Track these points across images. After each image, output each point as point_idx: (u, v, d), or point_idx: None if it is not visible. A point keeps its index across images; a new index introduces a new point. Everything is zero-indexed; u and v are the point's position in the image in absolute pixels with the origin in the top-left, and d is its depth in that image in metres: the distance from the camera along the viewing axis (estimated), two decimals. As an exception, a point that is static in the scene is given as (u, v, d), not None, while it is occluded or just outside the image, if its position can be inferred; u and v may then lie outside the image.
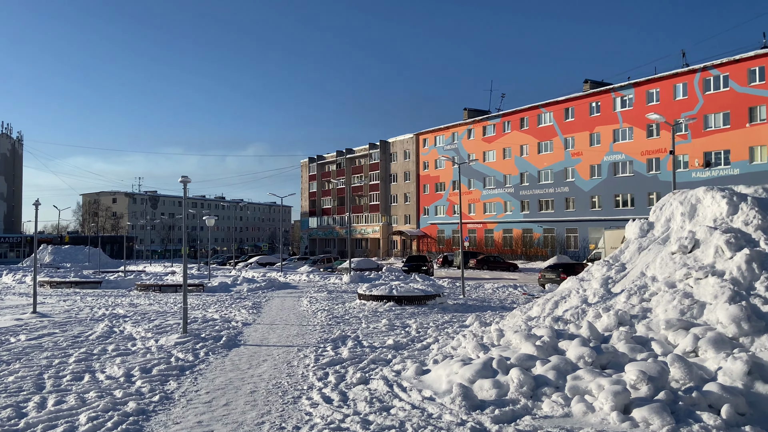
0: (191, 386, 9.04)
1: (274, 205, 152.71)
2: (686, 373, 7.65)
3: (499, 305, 20.80)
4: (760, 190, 12.68)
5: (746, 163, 41.22)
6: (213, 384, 9.18)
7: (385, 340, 13.06)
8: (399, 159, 74.88)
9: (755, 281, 9.65)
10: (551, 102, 55.08)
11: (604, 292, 11.90)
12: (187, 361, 10.88)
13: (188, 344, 12.38)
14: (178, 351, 11.69)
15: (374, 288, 21.54)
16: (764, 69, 40.39)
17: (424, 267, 41.17)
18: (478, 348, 10.22)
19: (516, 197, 58.54)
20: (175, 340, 12.69)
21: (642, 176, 47.49)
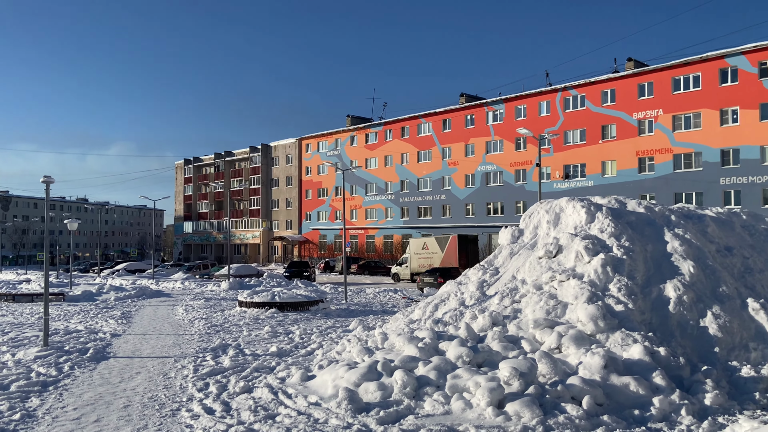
0: (56, 402, 8.32)
1: (145, 209, 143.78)
2: (552, 369, 8.34)
3: (381, 309, 21.23)
4: (613, 201, 14.12)
5: (599, 176, 45.61)
6: (81, 399, 8.50)
7: (268, 347, 12.85)
8: (281, 163, 73.88)
9: (609, 283, 10.73)
10: (430, 113, 57.28)
11: (480, 294, 12.60)
12: (50, 375, 9.98)
13: (50, 358, 11.35)
14: (39, 365, 10.69)
15: (255, 295, 21.09)
16: (615, 91, 45.00)
17: (306, 273, 40.92)
18: (363, 352, 10.40)
19: (396, 204, 60.10)
20: (35, 354, 11.58)
21: (511, 186, 50.83)
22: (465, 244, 39.55)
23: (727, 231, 12.84)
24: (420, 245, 40.68)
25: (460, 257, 37.86)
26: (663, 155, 42.26)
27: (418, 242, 41.04)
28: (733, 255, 11.91)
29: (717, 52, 39.67)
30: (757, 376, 8.55)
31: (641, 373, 8.16)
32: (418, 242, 41.19)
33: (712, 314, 9.86)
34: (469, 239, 41.03)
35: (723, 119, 39.53)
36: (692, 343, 9.50)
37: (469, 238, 41.56)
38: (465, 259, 37.64)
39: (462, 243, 39.22)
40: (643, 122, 43.45)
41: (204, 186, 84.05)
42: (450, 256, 38.40)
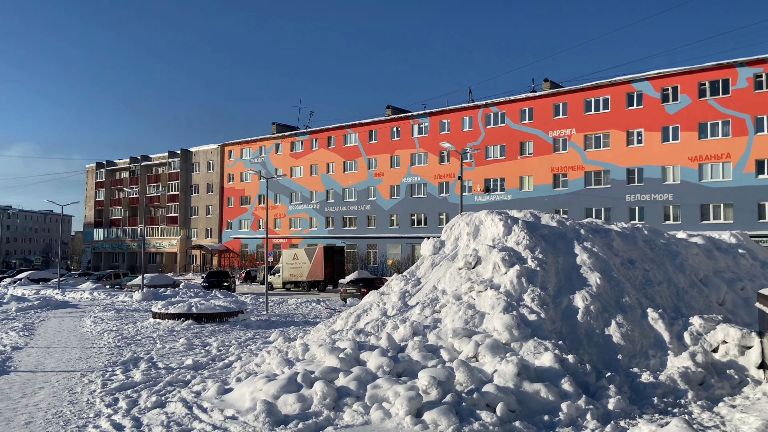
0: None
1: (51, 214, 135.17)
2: (468, 377, 8.57)
3: (303, 320, 21.02)
4: (529, 215, 14.76)
5: (517, 190, 47.49)
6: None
7: (183, 360, 12.42)
8: (202, 170, 71.72)
9: (524, 293, 11.19)
10: (357, 123, 57.60)
11: (402, 305, 12.77)
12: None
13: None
14: (-77, 384, 9.79)
15: (171, 305, 20.32)
16: (532, 110, 47.12)
17: (225, 283, 39.87)
18: (283, 363, 10.26)
19: (321, 213, 59.81)
20: None
21: (434, 198, 51.90)
22: (331, 255, 42.13)
23: (631, 245, 13.72)
24: (291, 255, 42.91)
25: (326, 267, 40.85)
26: (575, 172, 44.59)
27: (290, 253, 43.37)
28: (636, 267, 12.74)
29: (625, 77, 42.44)
30: (656, 382, 9.16)
31: (551, 380, 8.55)
32: (289, 253, 43.44)
33: (616, 323, 10.49)
34: (335, 250, 43.63)
35: (629, 140, 42.26)
36: (598, 351, 10.06)
37: (335, 248, 44.21)
38: (330, 268, 41.08)
39: (328, 253, 41.81)
40: (557, 140, 45.68)
41: (118, 191, 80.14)
42: (317, 266, 41.11)
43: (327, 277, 40.95)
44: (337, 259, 42.44)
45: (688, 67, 39.73)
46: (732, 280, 13.53)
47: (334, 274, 41.82)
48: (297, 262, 41.96)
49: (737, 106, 37.80)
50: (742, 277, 13.89)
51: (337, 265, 41.82)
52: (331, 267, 41.27)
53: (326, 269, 40.62)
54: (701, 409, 8.46)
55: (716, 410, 8.49)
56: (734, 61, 38.06)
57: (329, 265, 41.20)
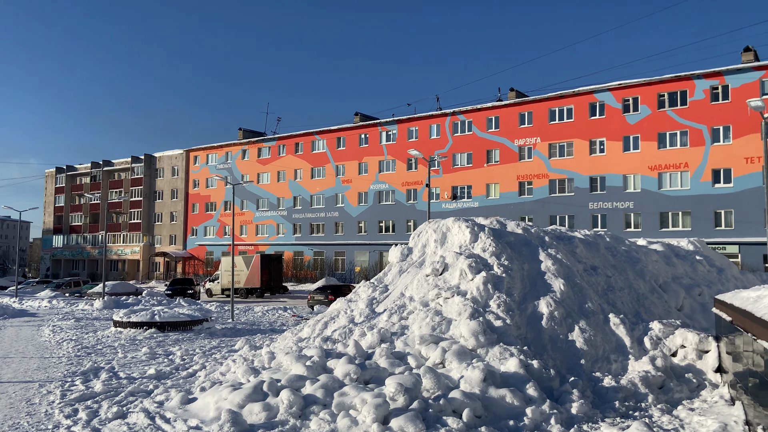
0: None
1: (9, 220, 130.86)
2: (435, 383, 8.62)
3: (269, 328, 20.81)
4: (495, 222, 14.95)
5: (484, 198, 48.05)
6: None
7: (145, 369, 12.16)
8: (166, 175, 70.47)
9: (490, 299, 11.31)
10: (325, 130, 57.48)
11: (369, 311, 12.77)
12: None
13: None
14: None
15: (133, 314, 19.88)
16: (499, 119, 47.82)
17: (190, 291, 39.21)
18: (249, 372, 10.14)
19: (289, 220, 59.37)
20: None
21: (402, 205, 52.09)
22: (268, 263, 43.21)
23: (593, 252, 14.02)
24: (229, 263, 43.59)
25: (263, 274, 42.01)
26: (540, 180, 45.38)
27: (228, 260, 43.76)
28: (598, 274, 13.02)
29: (587, 88, 43.47)
30: (617, 386, 9.36)
31: (516, 385, 8.65)
32: (228, 260, 43.81)
33: (579, 329, 10.70)
34: (272, 258, 44.69)
35: (592, 149, 43.25)
36: (562, 356, 10.23)
37: (273, 256, 45.37)
38: (267, 276, 42.31)
39: (265, 261, 42.90)
40: (523, 149, 46.44)
41: (78, 197, 78.09)
42: (254, 273, 42.28)
43: (264, 285, 42.12)
44: (274, 267, 43.68)
45: (648, 78, 40.95)
46: (690, 285, 13.94)
47: (272, 281, 42.90)
48: (235, 270, 42.28)
49: (695, 117, 39.09)
50: (699, 283, 14.33)
51: (275, 273, 43.16)
52: (268, 274, 42.56)
53: (263, 277, 41.97)
54: (661, 413, 8.68)
55: (675, 413, 8.72)
56: (692, 73, 39.38)
57: (266, 273, 42.50)
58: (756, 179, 36.33)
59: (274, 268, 43.18)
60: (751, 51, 39.29)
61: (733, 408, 8.53)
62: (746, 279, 17.59)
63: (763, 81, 37.03)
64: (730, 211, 37.73)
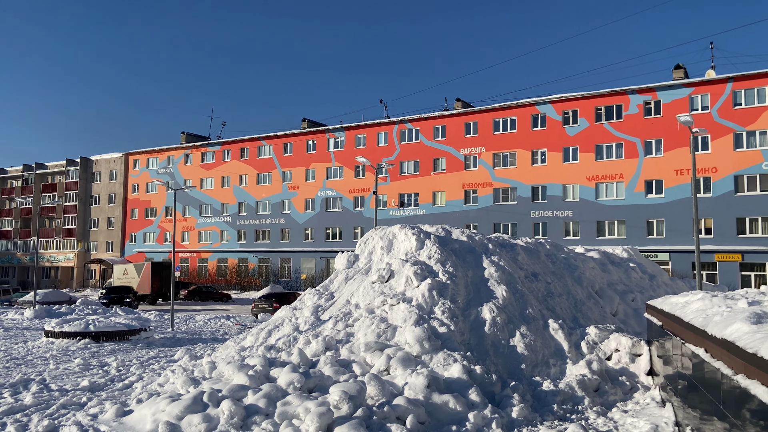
0: None
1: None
2: (380, 390, 8.63)
3: (211, 337, 20.32)
4: (440, 230, 15.15)
5: (430, 205, 48.63)
6: None
7: (79, 381, 11.64)
8: (104, 179, 67.88)
9: (435, 306, 11.44)
10: (272, 136, 56.81)
11: (315, 319, 12.67)
12: None
13: None
14: None
15: (66, 323, 19.03)
16: (445, 128, 48.58)
17: (127, 299, 37.80)
18: (188, 382, 9.86)
19: (233, 226, 58.24)
20: None
21: (349, 212, 52.04)
22: (159, 270, 44.69)
23: (534, 259, 14.42)
24: (122, 271, 46.20)
25: (153, 282, 43.60)
26: (485, 188, 46.35)
27: (120, 268, 46.68)
28: (539, 280, 13.39)
29: (530, 100, 44.79)
30: (556, 390, 9.64)
31: (459, 391, 8.77)
32: (120, 268, 46.76)
33: (520, 334, 10.96)
34: (163, 265, 45.94)
35: (534, 159, 44.54)
36: (503, 361, 10.45)
37: (163, 264, 46.83)
38: (158, 283, 43.88)
39: (156, 269, 44.41)
40: (468, 158, 47.33)
41: (8, 201, 74.16)
42: (144, 281, 43.93)
43: (154, 291, 43.68)
44: (165, 274, 44.57)
45: (587, 92, 42.59)
46: (624, 291, 14.54)
47: (162, 288, 44.02)
48: (127, 277, 45.28)
49: (629, 131, 40.90)
50: (633, 289, 14.96)
51: (165, 280, 44.04)
52: (159, 282, 44.16)
53: (154, 284, 43.63)
54: (596, 415, 8.98)
55: (610, 415, 9.05)
56: (627, 88, 41.21)
57: (157, 280, 44.12)
58: (685, 190, 38.30)
59: (165, 276, 44.04)
60: (682, 68, 41.52)
61: (663, 409, 8.93)
62: (676, 285, 18.50)
63: (692, 97, 39.17)
64: (661, 221, 39.60)
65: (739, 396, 4.55)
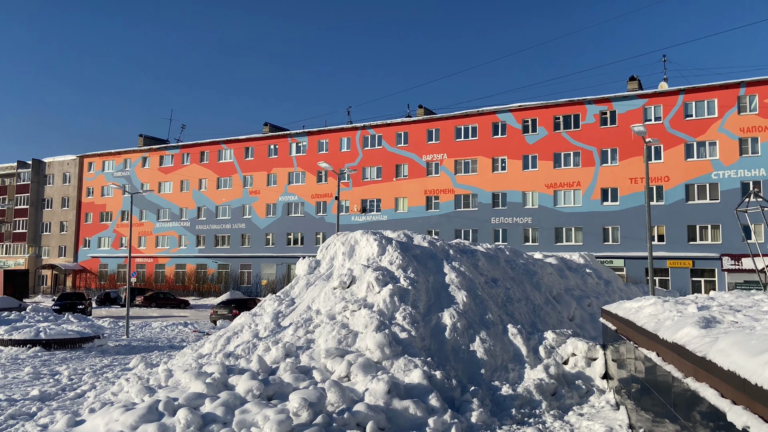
0: None
1: None
2: (340, 397, 8.59)
3: (168, 344, 19.88)
4: (402, 235, 15.21)
5: (393, 211, 48.80)
6: None
7: (28, 390, 11.22)
8: (57, 182, 65.74)
9: (396, 312, 11.46)
10: (233, 140, 56.09)
11: (275, 326, 12.53)
12: None
13: None
14: None
15: (15, 331, 18.38)
16: (408, 134, 48.89)
17: (80, 306, 36.58)
18: (143, 391, 9.61)
19: (192, 231, 57.17)
20: None
21: (311, 217, 51.76)
22: (12, 277, 48.69)
23: (494, 264, 14.61)
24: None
25: (6, 288, 46.44)
26: (446, 195, 46.80)
27: None
28: (498, 286, 13.58)
29: (491, 108, 45.53)
30: (514, 394, 9.77)
31: (420, 396, 8.81)
32: None
33: (480, 339, 11.08)
34: (16, 273, 50.50)
35: (494, 166, 45.24)
36: (463, 366, 10.54)
37: (17, 272, 51.36)
38: (11, 289, 46.90)
39: (8, 276, 48.32)
40: (430, 164, 47.74)
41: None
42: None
43: None
44: (19, 281, 49.52)
45: (545, 102, 43.54)
46: (581, 297, 14.87)
47: (16, 293, 46.48)
48: None
49: (586, 140, 41.97)
50: (589, 294, 15.32)
51: (19, 286, 48.81)
52: (12, 288, 47.46)
53: (6, 291, 46.29)
54: (553, 418, 9.15)
55: (566, 419, 9.22)
56: (584, 99, 42.32)
57: (10, 287, 47.50)
58: (639, 198, 39.50)
59: (19, 282, 48.16)
60: (636, 80, 42.89)
61: (618, 412, 9.16)
62: (630, 291, 19.03)
63: (645, 108, 40.49)
64: (616, 227, 40.72)
65: (690, 398, 4.70)
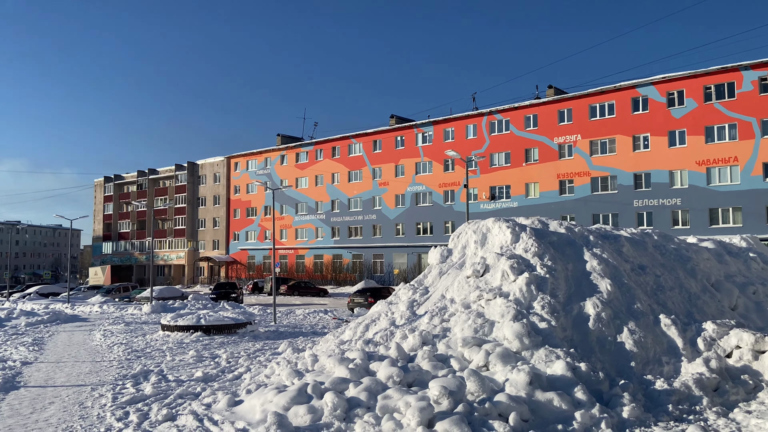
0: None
1: (60, 228, 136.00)
2: (480, 386, 8.49)
3: (311, 330, 20.97)
4: (536, 222, 14.68)
5: (523, 197, 47.40)
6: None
7: (193, 372, 12.40)
8: (208, 182, 72.05)
9: (533, 301, 11.10)
10: (361, 133, 57.75)
11: (410, 314, 12.71)
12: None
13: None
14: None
15: (180, 318, 20.32)
16: (537, 117, 47.11)
17: (233, 294, 39.89)
18: (293, 374, 10.21)
19: (327, 224, 59.85)
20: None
21: (440, 206, 51.86)
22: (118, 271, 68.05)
23: (641, 250, 13.62)
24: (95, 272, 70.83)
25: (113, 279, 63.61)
26: (582, 178, 44.49)
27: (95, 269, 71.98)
28: (646, 273, 12.63)
29: (629, 82, 42.42)
30: (670, 389, 9.05)
31: (564, 389, 8.46)
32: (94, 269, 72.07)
33: (628, 330, 10.39)
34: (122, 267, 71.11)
35: (635, 145, 42.17)
36: (610, 358, 9.96)
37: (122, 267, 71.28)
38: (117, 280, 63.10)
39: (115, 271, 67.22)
40: (563, 146, 45.63)
41: (126, 205, 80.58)
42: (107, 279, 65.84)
43: None
44: (123, 273, 69.85)
45: (693, 71, 39.69)
46: (743, 284, 13.39)
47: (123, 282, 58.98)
48: (97, 276, 68.98)
49: (743, 110, 37.67)
50: (753, 281, 13.75)
51: (123, 278, 66.24)
52: (118, 279, 64.19)
53: (113, 281, 62.28)
54: (717, 416, 8.35)
55: (732, 416, 8.38)
56: (739, 64, 37.98)
57: (116, 279, 65.22)
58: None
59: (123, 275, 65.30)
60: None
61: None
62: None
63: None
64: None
65: None
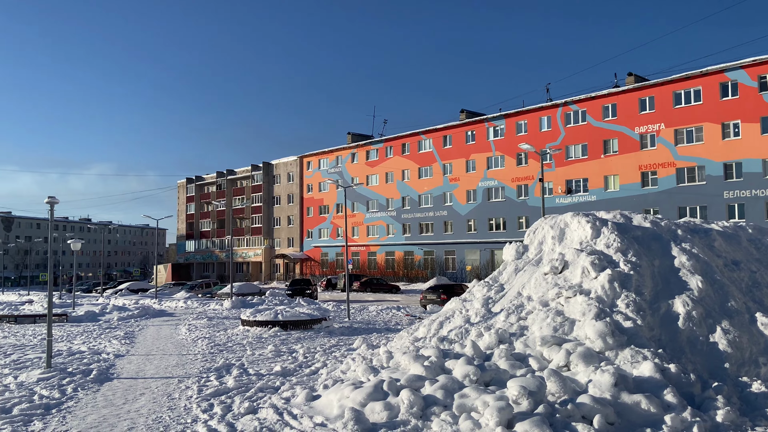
0: (59, 426, 8.21)
1: (148, 228, 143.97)
2: (561, 387, 8.21)
3: (384, 327, 21.08)
4: (618, 216, 14.05)
5: (602, 191, 45.58)
6: (84, 422, 8.40)
7: (272, 366, 12.74)
8: (282, 181, 74.03)
9: (617, 299, 10.62)
10: (431, 129, 57.47)
11: (485, 311, 12.49)
12: (53, 398, 9.88)
13: (53, 380, 11.25)
14: (42, 388, 10.59)
15: (258, 313, 20.96)
16: (616, 106, 45.15)
17: (308, 290, 40.77)
18: (368, 371, 10.27)
19: (398, 220, 60.02)
20: (38, 376, 11.49)
21: (513, 201, 50.78)
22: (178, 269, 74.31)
23: (734, 245, 12.76)
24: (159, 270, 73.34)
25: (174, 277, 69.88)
26: (666, 169, 42.27)
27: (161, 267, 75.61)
28: (741, 269, 11.82)
29: (717, 66, 39.84)
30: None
31: (652, 391, 8.04)
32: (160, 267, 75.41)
33: (722, 329, 9.75)
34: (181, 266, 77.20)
35: (725, 133, 39.58)
36: (702, 359, 9.37)
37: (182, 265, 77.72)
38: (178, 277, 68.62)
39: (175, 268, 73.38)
40: (645, 136, 43.52)
41: (206, 204, 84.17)
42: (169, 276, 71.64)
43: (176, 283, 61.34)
44: (183, 272, 77.42)
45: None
46: None
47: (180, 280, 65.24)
48: (161, 274, 73.96)
49: None
50: None
51: (183, 276, 74.29)
52: (178, 276, 72.91)
53: (174, 278, 68.23)
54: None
55: (844, 426, 7.67)
56: (844, 41, 34.80)
57: (176, 276, 72.82)
58: None
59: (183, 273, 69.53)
60: None
61: None
62: None
63: None
64: None
65: None
